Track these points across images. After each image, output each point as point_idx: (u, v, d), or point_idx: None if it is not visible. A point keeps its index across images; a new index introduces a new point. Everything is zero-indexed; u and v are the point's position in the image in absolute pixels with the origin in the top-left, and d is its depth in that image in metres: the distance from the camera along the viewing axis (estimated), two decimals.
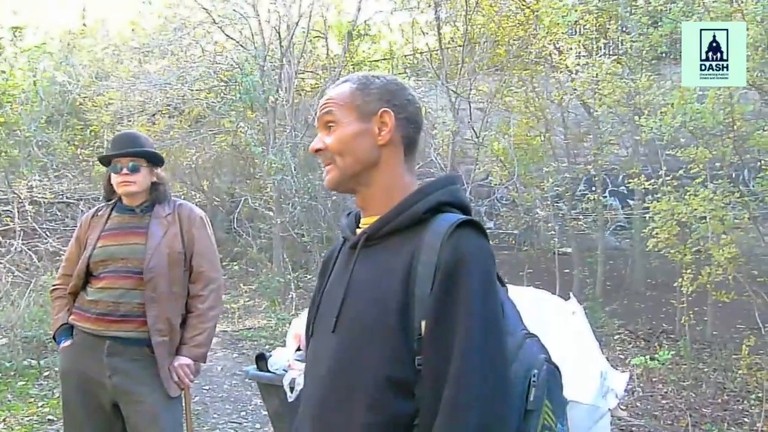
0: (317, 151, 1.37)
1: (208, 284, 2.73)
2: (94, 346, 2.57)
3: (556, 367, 1.32)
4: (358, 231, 1.37)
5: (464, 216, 1.27)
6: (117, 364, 2.55)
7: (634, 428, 4.80)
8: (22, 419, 4.68)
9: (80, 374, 2.60)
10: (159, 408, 2.58)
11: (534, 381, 1.25)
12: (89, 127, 11.49)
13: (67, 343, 2.66)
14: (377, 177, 1.35)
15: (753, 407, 5.02)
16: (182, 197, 3.08)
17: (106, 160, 2.75)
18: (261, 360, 3.55)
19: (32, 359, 5.87)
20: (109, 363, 2.55)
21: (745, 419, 4.90)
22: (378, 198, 1.35)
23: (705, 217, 5.49)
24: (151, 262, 2.59)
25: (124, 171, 2.67)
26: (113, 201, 2.81)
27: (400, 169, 1.36)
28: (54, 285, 2.83)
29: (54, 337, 2.75)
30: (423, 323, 1.19)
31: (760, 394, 5.09)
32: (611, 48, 9.24)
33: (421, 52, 11.77)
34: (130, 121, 11.10)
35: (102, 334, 2.56)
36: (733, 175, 6.77)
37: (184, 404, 2.77)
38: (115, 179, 2.70)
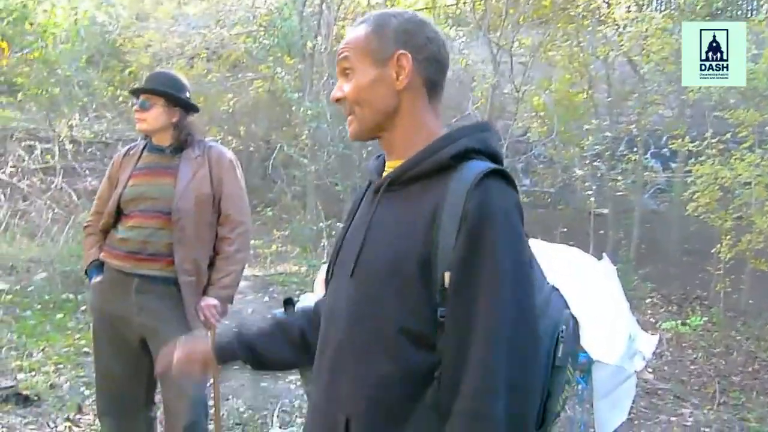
0: (338, 100, 1.31)
1: (235, 227, 2.73)
2: (123, 283, 2.61)
3: (576, 321, 1.31)
4: (384, 175, 1.33)
5: (492, 165, 1.20)
6: (145, 302, 2.59)
7: (660, 392, 4.77)
8: (59, 350, 4.84)
9: (109, 310, 2.65)
10: None
11: (561, 337, 1.24)
12: (128, 68, 11.54)
13: (98, 278, 2.70)
14: (399, 122, 1.29)
15: None
16: (219, 142, 3.08)
17: (134, 95, 2.76)
18: (288, 304, 3.57)
19: (70, 293, 6.05)
20: (137, 300, 2.59)
21: None
22: (401, 142, 1.29)
23: (750, 183, 5.31)
24: (179, 203, 2.59)
25: (136, 107, 2.67)
26: (146, 140, 2.81)
27: (423, 113, 1.30)
28: (87, 222, 2.87)
29: (86, 273, 2.80)
30: (447, 275, 1.15)
31: None
32: (663, 2, 8.86)
33: (464, 2, 11.47)
34: (168, 63, 11.08)
35: (131, 271, 2.60)
36: None
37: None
38: None
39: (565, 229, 8.57)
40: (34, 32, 8.73)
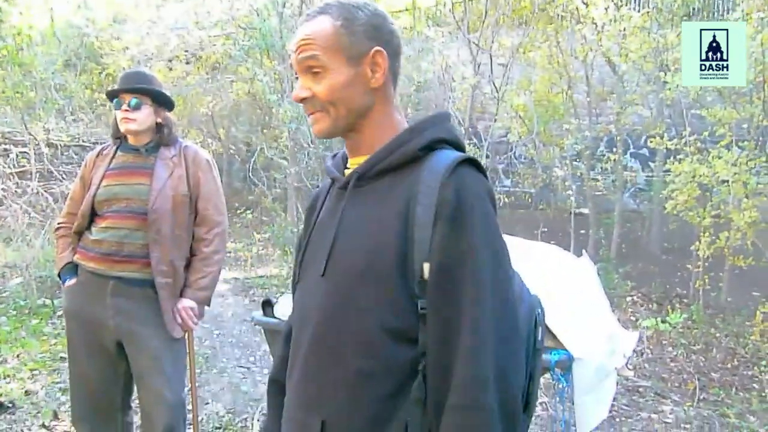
0: (303, 99, 1.25)
1: (212, 228, 2.69)
2: (98, 285, 2.56)
3: (542, 307, 1.34)
4: (347, 172, 1.29)
5: (463, 154, 1.19)
6: (120, 304, 2.54)
7: (641, 389, 4.78)
8: (35, 356, 4.75)
9: (84, 313, 2.59)
10: (161, 349, 2.57)
11: (539, 320, 1.24)
12: (106, 71, 11.43)
13: (72, 281, 2.64)
14: (371, 119, 1.26)
15: (763, 373, 4.98)
16: (199, 145, 3.00)
17: (111, 96, 2.69)
18: (267, 306, 3.54)
19: (46, 298, 5.95)
20: (112, 303, 2.54)
21: (755, 385, 4.86)
22: (369, 139, 1.27)
23: (727, 181, 5.36)
24: (155, 204, 2.55)
25: (125, 107, 2.61)
26: (119, 140, 2.76)
27: (390, 108, 1.29)
28: (58, 223, 2.80)
29: (59, 275, 2.74)
30: (425, 266, 1.13)
31: None
32: (641, 2, 8.94)
33: (443, 3, 11.49)
34: (147, 66, 11.00)
35: (106, 273, 2.54)
36: (760, 139, 6.57)
37: (187, 347, 2.76)
38: (118, 115, 2.64)
39: (546, 229, 8.62)
40: (8, 35, 8.57)
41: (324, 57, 1.21)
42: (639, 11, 7.21)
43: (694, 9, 7.21)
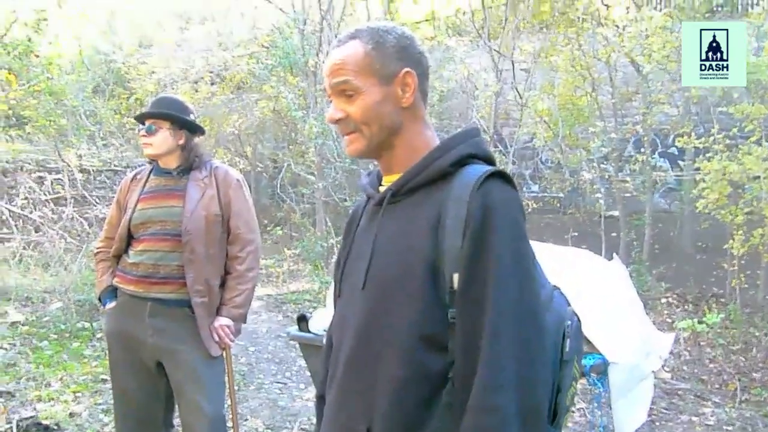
0: (337, 120, 1.30)
1: (245, 246, 2.75)
2: (137, 307, 2.62)
3: (578, 317, 1.33)
4: (381, 189, 1.34)
5: (491, 167, 1.23)
6: (158, 325, 2.60)
7: (680, 392, 4.72)
8: (77, 378, 4.85)
9: (124, 334, 2.66)
10: (200, 366, 2.62)
11: (568, 332, 1.26)
12: (134, 95, 11.68)
13: (112, 304, 2.72)
14: (402, 137, 1.31)
15: None
16: (226, 163, 3.07)
17: (139, 122, 2.79)
18: (302, 321, 3.59)
19: (86, 321, 6.08)
20: (151, 323, 2.60)
21: None
22: (402, 157, 1.31)
23: (759, 177, 5.28)
24: (188, 225, 2.61)
25: (142, 132, 2.71)
26: (152, 164, 2.84)
27: (421, 126, 1.33)
28: (97, 248, 2.88)
29: (99, 299, 2.81)
30: (455, 276, 1.17)
31: None
32: (662, 1, 8.86)
33: (463, 13, 11.55)
34: (173, 88, 11.24)
35: (144, 295, 2.61)
36: None
37: (225, 364, 2.81)
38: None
39: (576, 233, 8.56)
40: (39, 64, 8.84)
41: (356, 80, 1.27)
42: (660, 10, 7.16)
43: (717, 5, 7.13)
